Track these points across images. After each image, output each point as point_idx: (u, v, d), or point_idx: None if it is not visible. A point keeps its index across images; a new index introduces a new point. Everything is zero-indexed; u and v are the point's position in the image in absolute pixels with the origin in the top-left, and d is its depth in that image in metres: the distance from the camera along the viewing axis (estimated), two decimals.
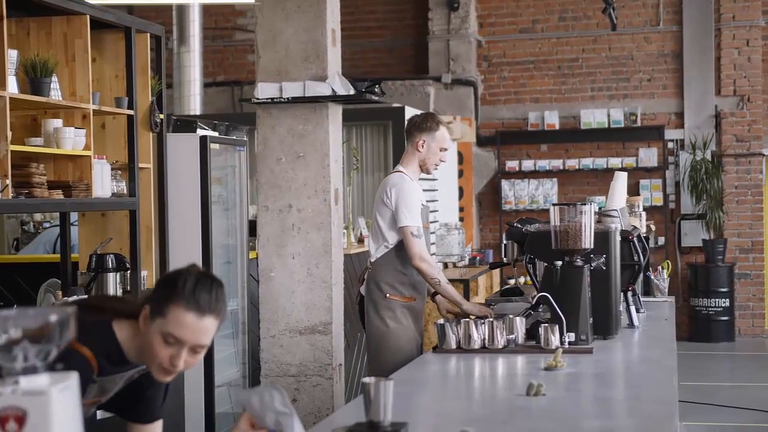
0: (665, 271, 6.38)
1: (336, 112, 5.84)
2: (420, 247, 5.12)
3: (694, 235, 12.53)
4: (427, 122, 5.33)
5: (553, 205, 4.52)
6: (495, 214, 12.95)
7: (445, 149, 5.36)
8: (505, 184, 12.88)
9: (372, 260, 5.32)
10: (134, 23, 5.91)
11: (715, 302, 12.20)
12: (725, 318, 12.25)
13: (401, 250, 5.20)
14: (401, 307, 5.23)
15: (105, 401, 2.78)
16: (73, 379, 1.86)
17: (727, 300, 12.23)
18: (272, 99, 5.66)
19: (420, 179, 5.38)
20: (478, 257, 10.89)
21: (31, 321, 1.85)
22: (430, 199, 10.42)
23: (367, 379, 2.71)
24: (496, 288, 11.25)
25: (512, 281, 12.39)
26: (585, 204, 4.48)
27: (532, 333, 4.39)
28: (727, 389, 9.64)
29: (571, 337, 4.31)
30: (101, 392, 2.71)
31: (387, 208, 5.21)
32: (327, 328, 5.69)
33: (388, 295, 5.22)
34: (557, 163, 12.79)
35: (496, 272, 11.22)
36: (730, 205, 12.50)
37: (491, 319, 4.36)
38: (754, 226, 12.57)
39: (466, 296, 8.88)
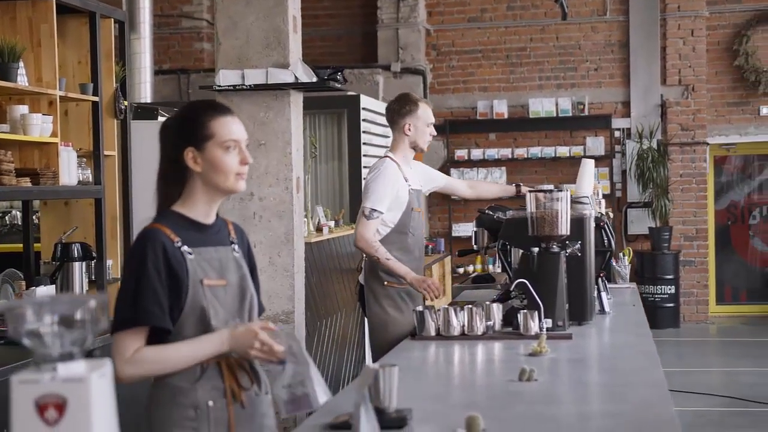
0: (626, 257, 6.46)
1: (297, 99, 5.81)
2: (363, 228, 5.16)
3: (640, 222, 12.69)
4: (406, 106, 5.39)
5: (530, 191, 4.55)
6: (444, 203, 12.99)
7: (432, 123, 5.44)
8: (454, 173, 12.90)
9: None
10: (99, 8, 5.81)
11: (661, 289, 12.37)
12: (671, 305, 12.43)
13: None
14: (400, 293, 5.24)
15: (231, 288, 2.92)
16: (107, 366, 1.83)
17: (673, 287, 12.41)
18: (234, 86, 5.61)
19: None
20: (429, 245, 10.90)
21: (67, 307, 1.83)
22: None
23: (372, 366, 2.70)
24: (449, 276, 11.31)
25: (462, 270, 12.47)
26: (561, 191, 4.50)
27: (508, 319, 4.42)
28: (674, 375, 9.77)
29: (548, 323, 4.34)
30: (216, 272, 2.88)
31: None
32: (289, 317, 5.68)
33: (386, 282, 5.25)
34: (506, 152, 12.86)
35: (448, 261, 11.28)
36: (676, 193, 12.67)
37: (470, 306, 4.37)
38: (698, 214, 12.77)
39: None
